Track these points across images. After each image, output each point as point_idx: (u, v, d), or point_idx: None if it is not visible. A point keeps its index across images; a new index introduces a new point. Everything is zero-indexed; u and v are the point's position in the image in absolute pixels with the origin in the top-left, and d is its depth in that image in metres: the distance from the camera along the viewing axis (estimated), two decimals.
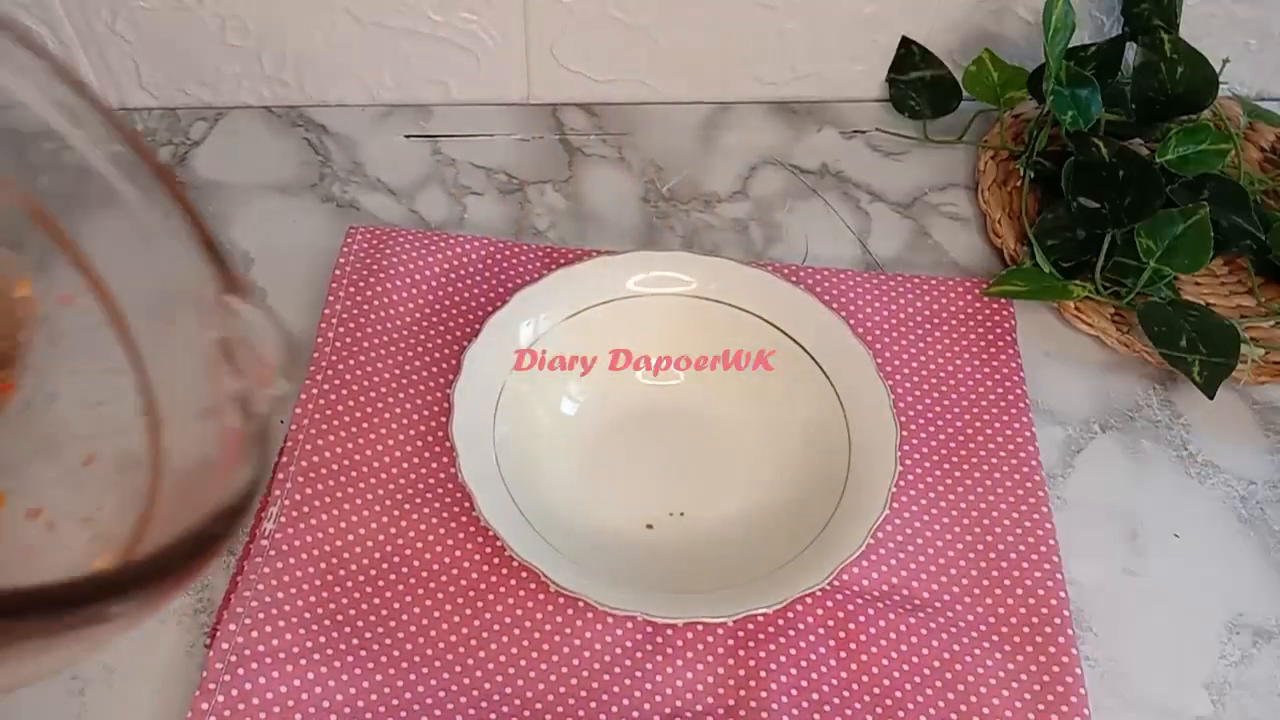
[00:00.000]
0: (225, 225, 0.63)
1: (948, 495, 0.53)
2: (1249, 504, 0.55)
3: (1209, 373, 0.55)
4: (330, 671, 0.46)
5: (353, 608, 0.48)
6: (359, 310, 0.57)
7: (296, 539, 0.49)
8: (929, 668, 0.47)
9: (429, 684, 0.46)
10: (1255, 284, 0.63)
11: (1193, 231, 0.57)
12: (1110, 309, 0.61)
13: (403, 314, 0.57)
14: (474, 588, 0.49)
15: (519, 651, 0.47)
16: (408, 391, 0.55)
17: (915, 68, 0.70)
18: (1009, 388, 0.57)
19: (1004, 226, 0.64)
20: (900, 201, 0.67)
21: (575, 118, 0.71)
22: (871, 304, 0.60)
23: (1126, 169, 0.59)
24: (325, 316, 0.57)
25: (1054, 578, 0.50)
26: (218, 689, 0.45)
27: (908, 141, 0.71)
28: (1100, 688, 0.48)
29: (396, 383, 0.55)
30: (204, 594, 0.49)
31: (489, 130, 0.70)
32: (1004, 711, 0.46)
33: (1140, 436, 0.57)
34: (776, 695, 0.46)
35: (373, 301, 0.58)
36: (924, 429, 0.55)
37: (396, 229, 0.61)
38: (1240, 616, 0.51)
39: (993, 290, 0.60)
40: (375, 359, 0.56)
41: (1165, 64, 0.62)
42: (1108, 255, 0.60)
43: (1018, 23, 0.70)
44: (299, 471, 0.51)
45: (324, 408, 0.54)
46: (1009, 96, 0.67)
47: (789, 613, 0.48)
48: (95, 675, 0.47)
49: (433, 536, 0.50)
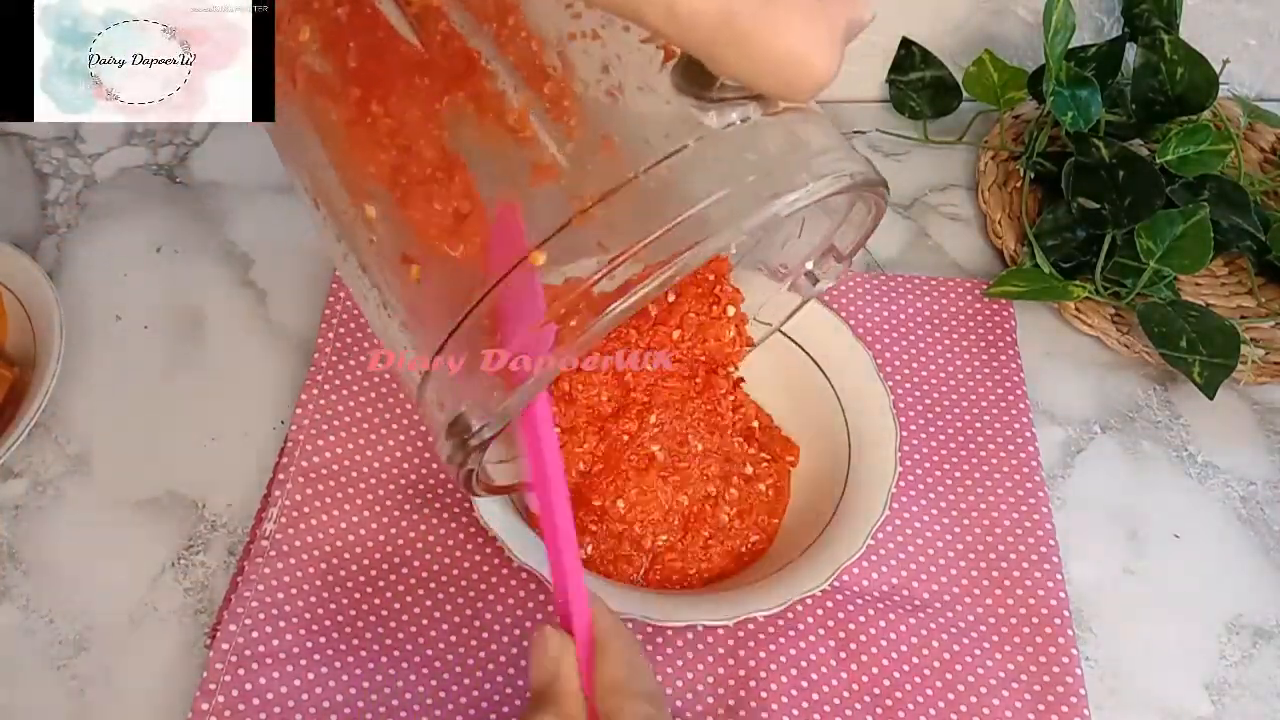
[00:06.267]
0: (225, 226, 0.63)
1: (948, 495, 0.53)
2: (1249, 504, 0.55)
3: (1209, 373, 0.55)
4: (330, 671, 0.46)
5: (353, 608, 0.48)
6: (359, 310, 0.57)
7: (296, 539, 0.49)
8: (929, 668, 0.47)
9: (429, 684, 0.46)
10: (1255, 284, 0.63)
11: (1193, 232, 0.57)
12: (1110, 309, 0.61)
13: None
14: (474, 588, 0.49)
15: (519, 651, 0.47)
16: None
17: (915, 68, 0.70)
18: (1009, 388, 0.57)
19: (1004, 227, 0.64)
20: (900, 202, 0.67)
21: None
22: (871, 304, 0.60)
23: (1126, 169, 0.59)
24: (325, 316, 0.57)
25: (1054, 578, 0.50)
26: (218, 689, 0.45)
27: (908, 142, 0.71)
28: (1100, 688, 0.48)
29: (397, 382, 0.55)
30: (204, 594, 0.49)
31: None
32: (1004, 711, 0.46)
33: (1140, 437, 0.57)
34: (776, 695, 0.46)
35: None
36: (924, 429, 0.55)
37: None
38: (1240, 616, 0.51)
39: (993, 291, 0.60)
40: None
41: (1165, 64, 0.62)
42: (1108, 256, 0.60)
43: (1018, 23, 0.70)
44: (299, 471, 0.52)
45: (324, 408, 0.54)
46: (1009, 97, 0.67)
47: (789, 613, 0.48)
48: (95, 675, 0.47)
49: (433, 537, 0.50)
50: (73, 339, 0.55)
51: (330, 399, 0.54)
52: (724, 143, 0.31)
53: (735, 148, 0.31)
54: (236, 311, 0.59)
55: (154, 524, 0.51)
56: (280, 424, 0.55)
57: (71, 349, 0.55)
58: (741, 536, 0.50)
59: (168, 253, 0.62)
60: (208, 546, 0.51)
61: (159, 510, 0.52)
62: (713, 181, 0.30)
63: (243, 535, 0.51)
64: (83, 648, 0.48)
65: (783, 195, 0.31)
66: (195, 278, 0.61)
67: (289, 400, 0.55)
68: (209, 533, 0.51)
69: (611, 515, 0.48)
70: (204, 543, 0.51)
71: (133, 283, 0.60)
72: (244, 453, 0.54)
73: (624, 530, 0.48)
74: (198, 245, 0.62)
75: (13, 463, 0.53)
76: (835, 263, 0.44)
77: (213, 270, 0.61)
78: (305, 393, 0.54)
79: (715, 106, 0.31)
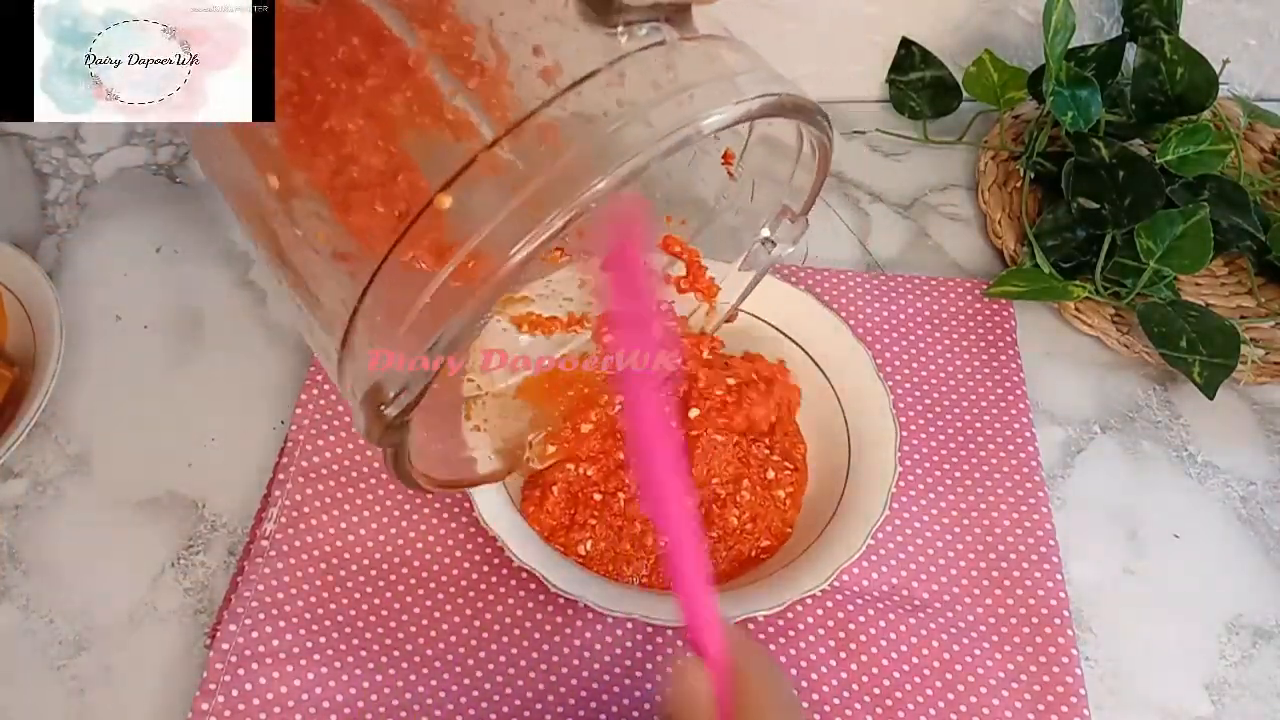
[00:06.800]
0: (225, 226, 0.63)
1: (948, 495, 0.53)
2: (1249, 504, 0.55)
3: (1209, 373, 0.55)
4: (330, 671, 0.46)
5: (353, 608, 0.48)
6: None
7: (296, 539, 0.49)
8: (929, 668, 0.47)
9: (429, 684, 0.46)
10: (1255, 284, 0.63)
11: (1193, 232, 0.57)
12: (1110, 309, 0.61)
13: None
14: (474, 588, 0.49)
15: (519, 652, 0.47)
16: None
17: (915, 68, 0.70)
18: (1009, 388, 0.57)
19: (1004, 227, 0.64)
20: (900, 202, 0.67)
21: None
22: (871, 304, 0.60)
23: (1126, 169, 0.59)
24: None
25: (1054, 578, 0.50)
26: (218, 689, 0.45)
27: (908, 142, 0.71)
28: (1100, 688, 0.48)
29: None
30: (204, 594, 0.49)
31: None
32: (1004, 711, 0.46)
33: (1140, 437, 0.57)
34: None
35: None
36: (924, 429, 0.55)
37: None
38: (1240, 616, 0.51)
39: (993, 291, 0.60)
40: None
41: (1165, 64, 0.62)
42: (1108, 256, 0.60)
43: (1018, 23, 0.70)
44: (299, 472, 0.52)
45: (324, 408, 0.54)
46: (1009, 97, 0.67)
47: (789, 613, 0.48)
48: (95, 675, 0.47)
49: (433, 537, 0.50)
50: (73, 339, 0.55)
51: (330, 399, 0.54)
52: (638, 65, 0.30)
53: (650, 70, 0.30)
54: (236, 311, 0.59)
55: (154, 524, 0.51)
56: (280, 424, 0.55)
57: (71, 349, 0.55)
58: (751, 541, 0.50)
59: (168, 253, 0.62)
60: (208, 546, 0.51)
61: (159, 510, 0.52)
62: (626, 104, 0.29)
63: (243, 535, 0.51)
64: (83, 648, 0.48)
65: (703, 115, 0.30)
66: (195, 278, 0.61)
67: (289, 400, 0.55)
68: (209, 533, 0.51)
69: (612, 510, 0.48)
70: (204, 543, 0.51)
71: (133, 283, 0.60)
72: (244, 453, 0.54)
73: (623, 527, 0.48)
74: (198, 245, 0.62)
75: (13, 463, 0.53)
76: (790, 223, 0.43)
77: (212, 270, 0.61)
78: (305, 393, 0.54)
79: (625, 30, 0.30)
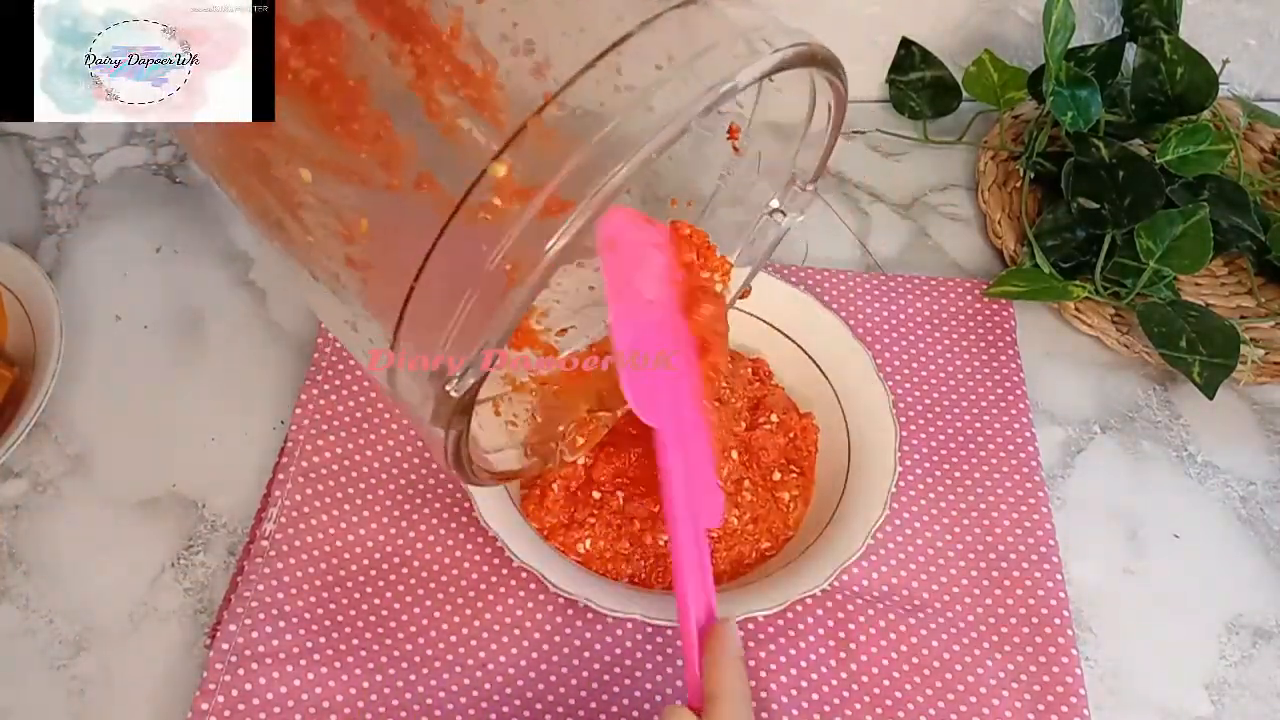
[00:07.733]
0: (225, 226, 0.63)
1: (948, 495, 0.53)
2: (1249, 504, 0.55)
3: (1209, 373, 0.55)
4: (330, 671, 0.46)
5: (353, 608, 0.48)
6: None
7: (296, 539, 0.49)
8: (929, 668, 0.47)
9: (429, 684, 0.46)
10: (1255, 284, 0.63)
11: (1193, 232, 0.57)
12: (1110, 309, 0.61)
13: None
14: (474, 588, 0.49)
15: (519, 652, 0.47)
16: None
17: (915, 68, 0.70)
18: (1009, 388, 0.57)
19: (1004, 227, 0.64)
20: (900, 202, 0.67)
21: None
22: (871, 304, 0.60)
23: (1126, 169, 0.59)
24: None
25: (1054, 578, 0.50)
26: (218, 689, 0.45)
27: (908, 142, 0.71)
28: (1100, 688, 0.48)
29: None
30: (204, 594, 0.49)
31: None
32: (1004, 711, 0.46)
33: (1140, 437, 0.57)
34: (776, 695, 0.46)
35: None
36: (924, 429, 0.55)
37: None
38: (1240, 616, 0.51)
39: (993, 291, 0.60)
40: None
41: (1165, 64, 0.62)
42: (1108, 256, 0.60)
43: (1018, 23, 0.70)
44: (299, 471, 0.52)
45: (324, 408, 0.54)
46: (1009, 97, 0.67)
47: (789, 613, 0.48)
48: (95, 675, 0.47)
49: (433, 537, 0.50)
50: (73, 339, 0.55)
51: (330, 399, 0.54)
52: (658, 33, 0.31)
53: (669, 36, 0.31)
54: (236, 311, 0.59)
55: (154, 524, 0.51)
56: (280, 424, 0.55)
57: (71, 349, 0.55)
58: (751, 542, 0.50)
59: (168, 253, 0.62)
60: (208, 546, 0.51)
61: (159, 510, 0.52)
62: (650, 74, 0.30)
63: (243, 535, 0.51)
64: (83, 648, 0.48)
65: (725, 79, 0.31)
66: (195, 278, 0.61)
67: (289, 400, 0.55)
68: (209, 533, 0.51)
69: (611, 509, 0.48)
70: (204, 543, 0.51)
71: (133, 283, 0.60)
72: (244, 453, 0.54)
73: (622, 525, 0.48)
74: (198, 245, 0.62)
75: (13, 463, 0.53)
76: (801, 190, 0.43)
77: (212, 270, 0.61)
78: (305, 393, 0.54)
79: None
